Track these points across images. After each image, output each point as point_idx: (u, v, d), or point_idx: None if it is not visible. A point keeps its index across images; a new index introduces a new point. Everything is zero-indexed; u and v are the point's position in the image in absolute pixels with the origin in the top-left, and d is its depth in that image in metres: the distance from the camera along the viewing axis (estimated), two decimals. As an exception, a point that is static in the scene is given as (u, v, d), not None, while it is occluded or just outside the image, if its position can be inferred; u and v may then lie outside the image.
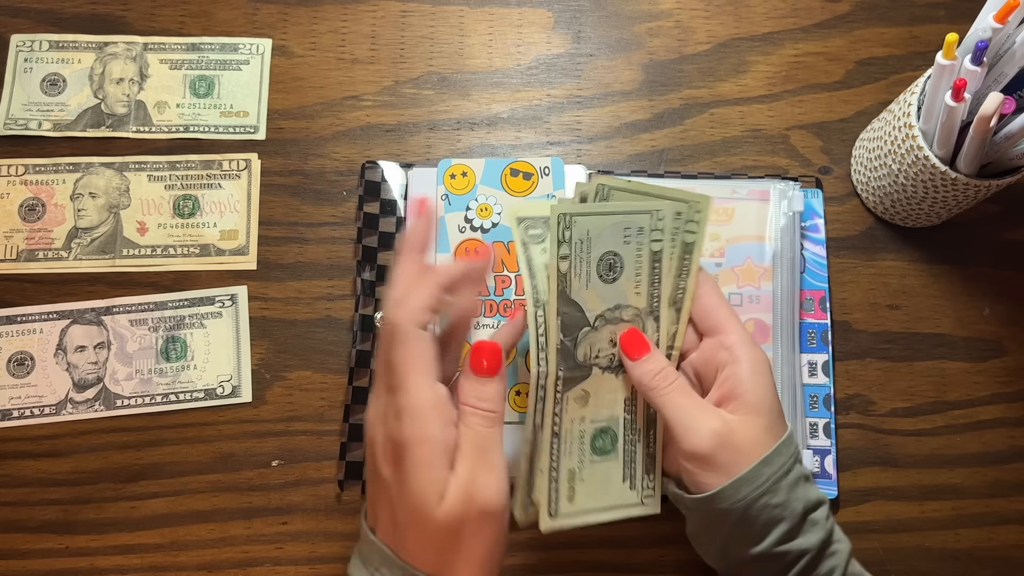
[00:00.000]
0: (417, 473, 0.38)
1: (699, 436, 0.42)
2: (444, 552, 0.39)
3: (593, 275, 0.44)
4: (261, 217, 0.60)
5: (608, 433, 0.46)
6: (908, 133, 0.52)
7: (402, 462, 0.38)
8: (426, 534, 0.39)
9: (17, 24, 0.62)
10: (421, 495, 0.38)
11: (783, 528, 0.42)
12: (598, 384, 0.46)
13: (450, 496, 0.38)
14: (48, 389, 0.56)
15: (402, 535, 0.39)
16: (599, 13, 0.64)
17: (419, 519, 0.38)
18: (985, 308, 0.59)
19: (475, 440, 0.39)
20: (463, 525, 0.38)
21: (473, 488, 0.38)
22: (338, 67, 0.62)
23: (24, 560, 0.54)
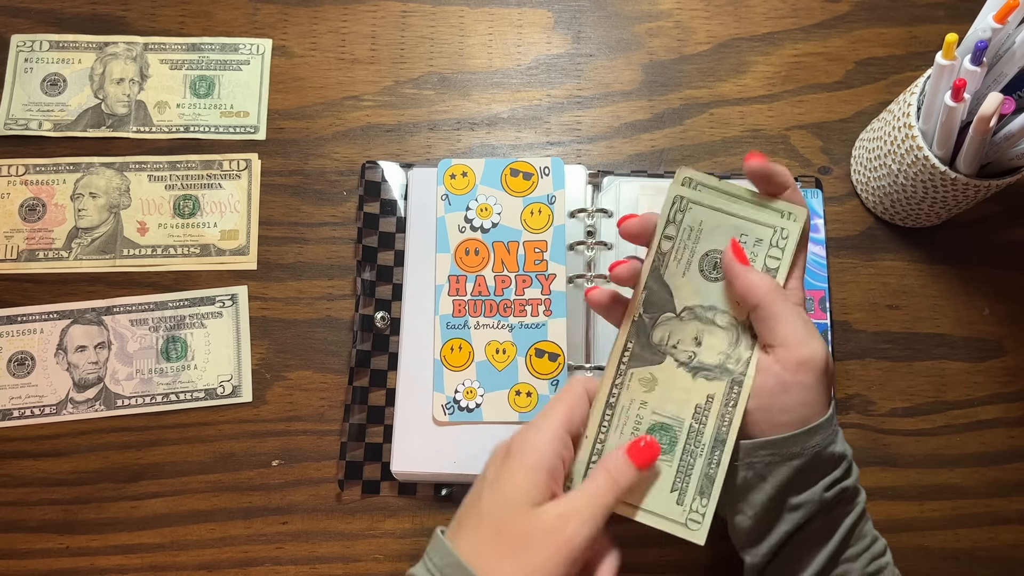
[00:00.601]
0: (518, 473, 0.40)
1: (816, 345, 0.42)
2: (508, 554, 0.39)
3: (694, 267, 0.43)
4: (261, 217, 0.60)
5: (668, 432, 0.44)
6: (908, 133, 0.52)
7: (508, 460, 0.41)
8: (503, 528, 0.40)
9: (17, 24, 0.62)
10: (515, 491, 0.40)
11: (837, 473, 0.42)
12: (670, 376, 0.44)
13: (545, 511, 0.40)
14: (48, 389, 0.56)
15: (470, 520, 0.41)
16: (599, 13, 0.64)
17: (505, 512, 0.40)
18: (985, 308, 0.59)
19: (592, 495, 0.41)
20: (544, 541, 0.39)
21: (566, 517, 0.40)
22: (338, 67, 0.62)
23: (24, 560, 0.54)
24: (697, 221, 0.43)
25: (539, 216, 0.57)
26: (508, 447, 0.42)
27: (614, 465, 0.42)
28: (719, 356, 0.44)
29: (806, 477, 0.42)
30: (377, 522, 0.55)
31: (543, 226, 0.57)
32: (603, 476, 0.42)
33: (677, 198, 0.43)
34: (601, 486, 0.41)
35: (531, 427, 0.42)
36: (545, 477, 0.40)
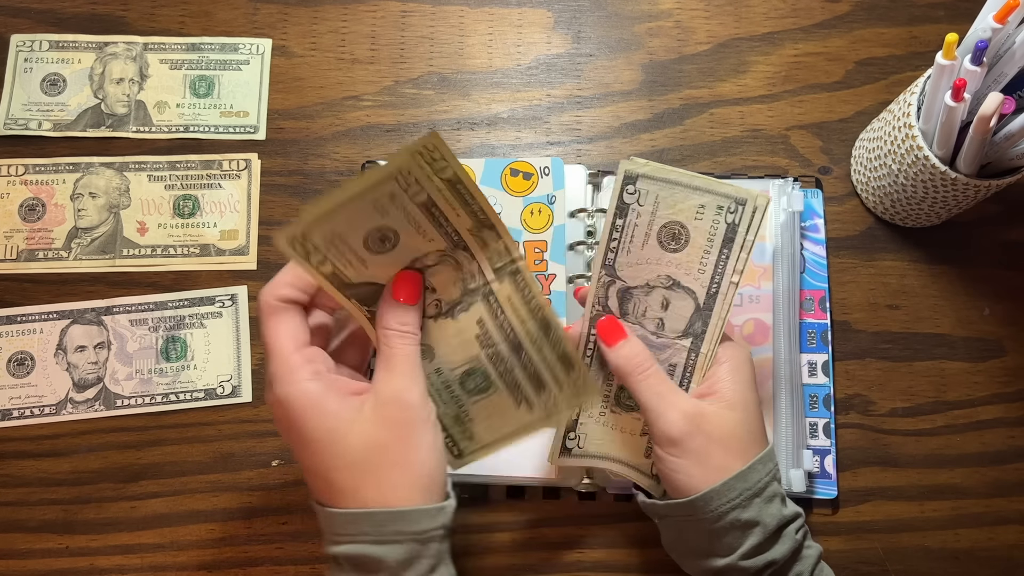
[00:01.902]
0: (310, 420, 0.38)
1: (670, 419, 0.42)
2: (372, 472, 0.39)
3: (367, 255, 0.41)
4: (261, 217, 0.60)
5: (476, 373, 0.44)
6: (908, 133, 0.52)
7: (292, 422, 0.39)
8: (347, 460, 0.39)
9: (17, 24, 0.62)
10: (327, 430, 0.39)
11: (752, 541, 0.42)
12: (437, 333, 0.44)
13: (367, 408, 0.39)
14: (48, 389, 0.56)
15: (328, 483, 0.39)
16: (599, 13, 0.64)
17: (336, 449, 0.39)
18: (985, 308, 0.59)
19: (394, 356, 0.40)
20: (389, 432, 0.39)
21: (395, 394, 0.39)
22: (338, 67, 0.62)
23: (24, 560, 0.54)
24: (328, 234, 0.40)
25: (539, 216, 0.57)
26: (275, 417, 0.40)
27: (391, 318, 0.41)
28: (456, 287, 0.43)
29: (718, 541, 0.42)
30: (377, 522, 0.55)
31: (543, 226, 0.57)
32: (390, 336, 0.41)
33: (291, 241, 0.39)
34: (395, 345, 0.41)
35: (274, 380, 0.39)
36: (333, 399, 0.39)
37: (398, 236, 0.41)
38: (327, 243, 0.39)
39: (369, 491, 0.39)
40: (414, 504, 0.39)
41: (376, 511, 0.38)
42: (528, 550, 0.54)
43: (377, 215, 0.40)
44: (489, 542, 0.54)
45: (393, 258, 0.42)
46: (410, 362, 0.41)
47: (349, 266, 0.41)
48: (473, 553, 0.54)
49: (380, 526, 0.38)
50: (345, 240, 0.40)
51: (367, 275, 0.42)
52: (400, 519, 0.39)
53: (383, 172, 0.38)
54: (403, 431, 0.39)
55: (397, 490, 0.39)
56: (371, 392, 0.40)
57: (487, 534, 0.55)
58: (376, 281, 0.42)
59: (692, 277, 0.45)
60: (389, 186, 0.39)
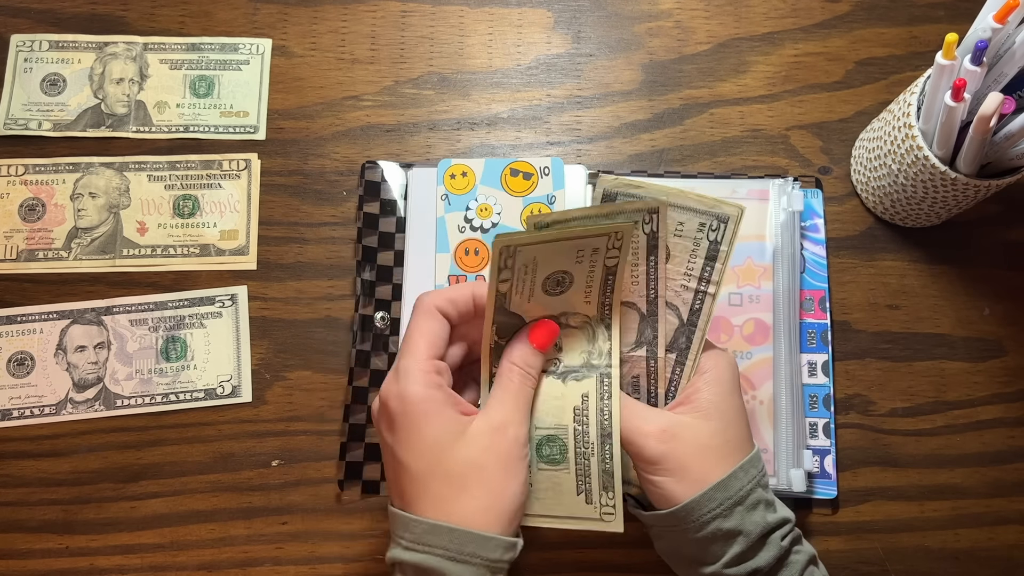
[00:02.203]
0: (427, 423, 0.39)
1: (642, 444, 0.42)
2: (467, 490, 0.39)
3: (537, 290, 0.43)
4: (261, 217, 0.60)
5: (556, 442, 0.44)
6: (908, 133, 0.52)
7: (405, 419, 0.40)
8: (448, 473, 0.39)
9: (17, 24, 0.62)
10: (437, 437, 0.39)
11: (736, 550, 0.42)
12: (544, 389, 0.44)
13: (475, 430, 0.40)
14: (48, 389, 0.56)
15: (421, 488, 0.40)
16: (599, 13, 0.64)
17: (441, 459, 0.39)
18: (985, 308, 0.59)
19: (512, 390, 0.42)
20: (491, 458, 0.39)
21: (504, 424, 0.40)
22: (338, 67, 0.62)
23: (24, 560, 0.54)
24: (530, 258, 0.41)
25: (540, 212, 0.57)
26: (386, 408, 0.40)
27: (520, 356, 0.42)
28: (581, 355, 0.44)
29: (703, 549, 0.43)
30: (377, 522, 0.55)
31: (543, 226, 0.57)
32: (514, 371, 0.42)
33: (503, 249, 0.40)
34: (516, 381, 0.42)
35: (402, 375, 0.40)
36: (450, 410, 0.40)
37: (570, 286, 0.43)
38: (524, 265, 0.41)
39: (456, 507, 0.39)
40: (494, 532, 0.39)
41: (460, 529, 0.38)
42: (528, 550, 0.54)
43: (573, 260, 0.41)
44: (489, 542, 0.54)
45: (552, 303, 0.43)
46: (525, 401, 0.42)
47: (520, 294, 0.42)
48: (473, 553, 0.54)
49: (460, 544, 0.38)
50: (535, 270, 0.41)
51: (525, 308, 0.43)
52: (480, 542, 0.39)
53: (608, 227, 0.40)
54: (504, 460, 0.40)
55: (483, 514, 0.39)
56: (482, 416, 0.41)
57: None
58: (523, 316, 0.43)
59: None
60: (600, 241, 0.41)
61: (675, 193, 0.44)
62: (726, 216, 0.43)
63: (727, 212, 0.43)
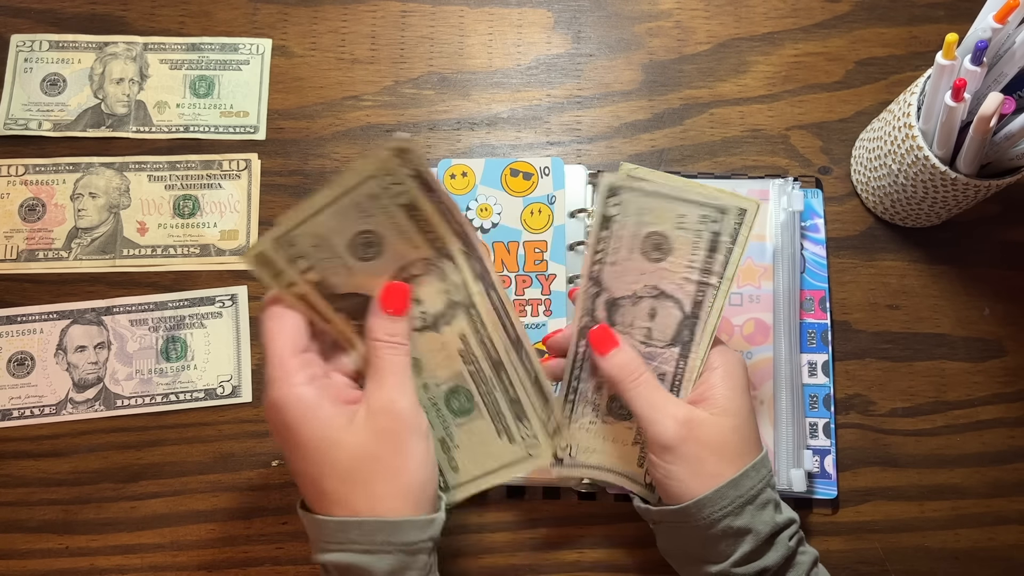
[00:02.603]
0: (304, 425, 0.38)
1: (664, 426, 0.42)
2: (363, 481, 0.39)
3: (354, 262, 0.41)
4: (261, 217, 0.60)
5: (459, 392, 0.43)
6: (908, 133, 0.52)
7: (286, 426, 0.39)
8: (338, 469, 0.39)
9: (17, 24, 0.62)
10: (320, 437, 0.38)
11: (745, 548, 0.42)
12: (422, 345, 0.43)
13: (359, 418, 0.39)
14: (48, 389, 0.56)
15: (319, 490, 0.39)
16: (599, 13, 0.64)
17: (327, 457, 0.39)
18: (985, 308, 0.59)
19: (385, 367, 0.41)
20: (380, 442, 0.39)
21: (386, 404, 0.40)
22: (338, 67, 0.62)
23: (24, 560, 0.54)
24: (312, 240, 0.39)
25: (539, 216, 0.57)
26: (269, 420, 0.40)
27: (379, 329, 0.41)
28: (441, 297, 0.43)
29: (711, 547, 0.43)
30: (377, 522, 0.55)
31: (543, 226, 0.57)
32: (379, 347, 0.41)
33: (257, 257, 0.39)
34: (384, 356, 0.41)
35: (271, 384, 0.39)
36: (326, 407, 0.39)
37: (383, 241, 0.40)
38: (313, 247, 0.39)
39: (359, 500, 0.39)
40: (404, 515, 0.39)
41: (365, 520, 0.38)
42: (528, 550, 0.54)
43: (360, 217, 0.39)
44: (489, 542, 0.54)
45: (379, 266, 0.41)
46: (400, 372, 0.41)
47: (335, 274, 0.40)
48: (473, 553, 0.54)
49: (369, 535, 0.38)
50: (330, 245, 0.39)
51: (354, 284, 0.41)
52: (389, 529, 0.38)
53: (361, 171, 0.38)
54: (394, 441, 0.39)
55: (387, 500, 0.39)
56: (363, 401, 0.40)
57: (487, 534, 0.55)
58: (363, 292, 0.42)
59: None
60: (368, 186, 0.38)
61: (679, 186, 0.44)
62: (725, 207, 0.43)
63: (727, 204, 0.43)
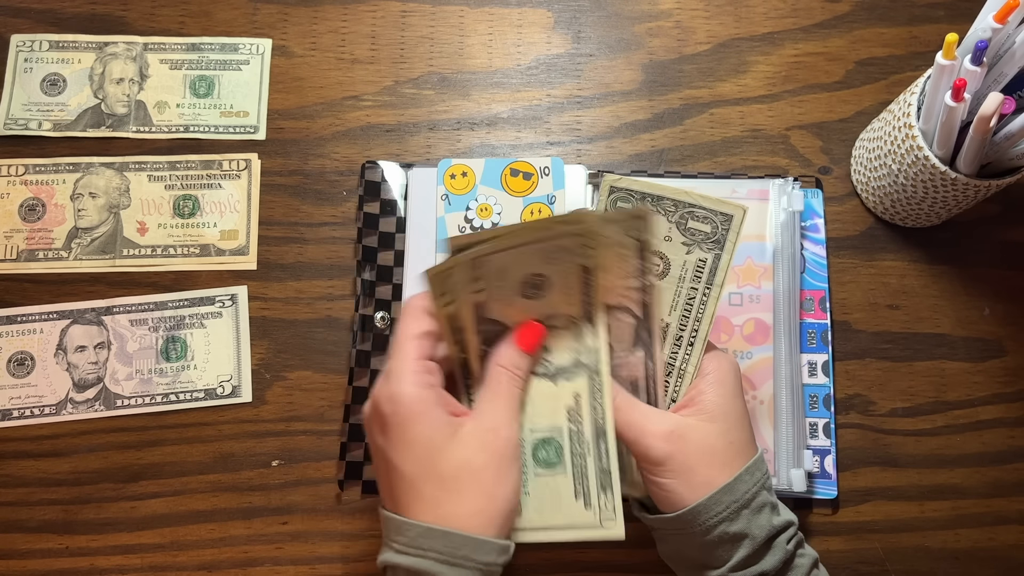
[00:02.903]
0: (417, 423, 0.39)
1: (649, 445, 0.42)
2: (459, 492, 0.39)
3: (516, 296, 0.43)
4: (261, 217, 0.60)
5: (551, 444, 0.44)
6: (908, 133, 0.52)
7: (396, 421, 0.39)
8: (440, 474, 0.39)
9: (17, 24, 0.62)
10: (429, 438, 0.39)
11: (742, 553, 0.42)
12: (534, 391, 0.44)
13: (466, 431, 0.40)
14: (48, 389, 0.56)
15: (414, 491, 0.39)
16: (599, 13, 0.64)
17: (432, 460, 0.39)
18: (985, 308, 0.59)
19: (502, 392, 0.42)
20: (484, 459, 0.39)
21: (496, 426, 0.40)
22: (338, 67, 0.62)
23: (24, 560, 0.54)
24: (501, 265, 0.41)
25: (539, 216, 0.57)
26: (378, 410, 0.40)
27: (507, 359, 0.42)
28: (570, 354, 0.44)
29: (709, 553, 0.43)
30: (377, 522, 0.55)
31: (543, 226, 0.57)
32: (502, 374, 0.42)
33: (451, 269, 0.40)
34: (504, 383, 0.42)
35: (390, 377, 0.40)
36: (441, 411, 0.40)
37: (549, 288, 0.42)
38: (495, 275, 0.41)
39: (451, 510, 0.39)
40: (488, 535, 0.39)
41: (454, 532, 0.38)
42: (528, 550, 0.54)
43: (544, 262, 0.41)
44: (489, 542, 0.54)
45: (533, 306, 0.43)
46: (514, 401, 0.42)
47: (498, 301, 0.42)
48: (473, 553, 0.54)
49: (454, 548, 0.38)
50: (509, 276, 0.41)
51: (506, 314, 0.43)
52: (474, 546, 0.38)
53: (572, 226, 0.40)
54: (497, 462, 0.40)
55: (476, 517, 0.39)
56: (473, 418, 0.41)
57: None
58: (508, 322, 0.43)
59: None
60: (570, 240, 0.41)
61: (673, 191, 0.44)
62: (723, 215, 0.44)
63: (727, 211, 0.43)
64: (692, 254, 0.45)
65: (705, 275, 0.45)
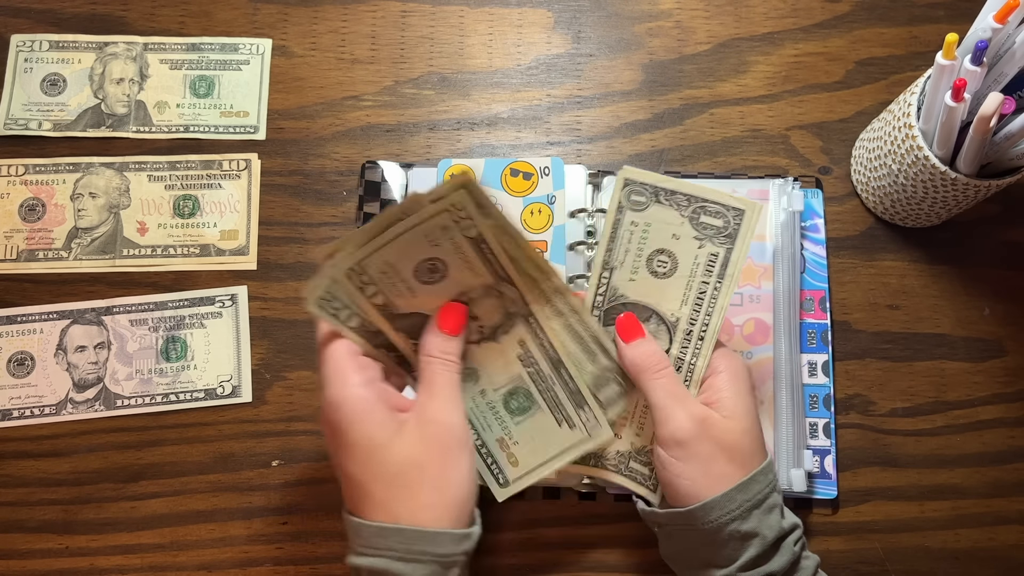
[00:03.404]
0: (357, 426, 0.39)
1: (680, 421, 0.43)
2: (407, 488, 0.39)
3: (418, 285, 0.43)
4: (261, 217, 0.60)
5: (518, 392, 0.46)
6: (908, 133, 0.52)
7: (339, 426, 0.39)
8: (385, 473, 0.39)
9: (17, 24, 0.62)
10: (370, 439, 0.39)
11: (751, 553, 0.42)
12: (482, 357, 0.45)
13: (409, 426, 0.40)
14: (48, 389, 0.56)
15: (363, 493, 0.40)
16: (599, 13, 0.64)
17: (375, 460, 0.39)
18: (985, 308, 0.59)
19: (437, 381, 0.42)
20: (428, 452, 0.40)
21: (436, 416, 0.41)
22: (338, 67, 0.62)
23: (24, 560, 0.54)
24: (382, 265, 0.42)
25: (539, 216, 0.57)
26: (324, 418, 0.41)
27: (434, 347, 0.42)
28: (498, 313, 0.45)
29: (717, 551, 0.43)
30: (377, 522, 0.55)
31: (543, 226, 0.57)
32: (432, 363, 0.42)
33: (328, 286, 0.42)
34: (437, 371, 0.42)
35: (327, 383, 0.40)
36: (381, 410, 0.40)
37: (447, 267, 0.42)
38: (381, 274, 0.41)
39: (401, 507, 0.39)
40: (443, 526, 0.39)
41: (405, 528, 0.39)
42: (528, 550, 0.54)
43: (428, 246, 0.41)
44: (489, 542, 0.54)
45: (441, 289, 0.43)
46: (451, 387, 0.42)
47: (400, 296, 0.42)
48: (473, 553, 0.54)
49: (408, 544, 0.39)
50: (397, 270, 0.41)
51: (415, 304, 0.43)
52: (428, 539, 0.39)
53: (436, 207, 0.40)
54: (442, 452, 0.40)
55: (428, 510, 0.39)
56: (412, 412, 0.41)
57: (487, 534, 0.54)
58: (423, 311, 0.44)
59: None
60: (440, 218, 0.40)
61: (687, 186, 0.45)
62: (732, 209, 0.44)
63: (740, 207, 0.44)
64: (704, 248, 0.45)
65: (717, 269, 0.46)
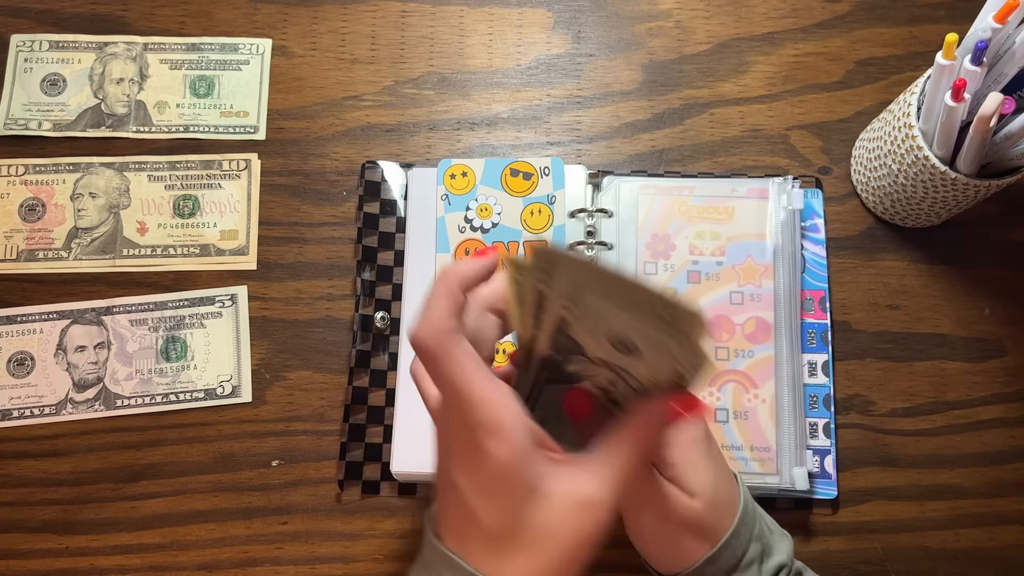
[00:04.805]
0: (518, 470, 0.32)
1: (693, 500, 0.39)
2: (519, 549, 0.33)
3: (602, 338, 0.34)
4: (261, 217, 0.60)
5: None
6: (908, 133, 0.52)
7: (490, 454, 0.32)
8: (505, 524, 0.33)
9: (17, 24, 0.62)
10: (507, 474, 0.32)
11: None
12: None
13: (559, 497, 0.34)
14: (48, 389, 0.56)
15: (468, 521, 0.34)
16: (599, 13, 0.64)
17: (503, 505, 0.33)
18: (985, 308, 0.59)
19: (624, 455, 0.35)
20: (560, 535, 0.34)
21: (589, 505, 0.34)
22: (338, 67, 0.62)
23: (24, 560, 0.54)
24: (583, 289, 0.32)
25: (539, 216, 0.57)
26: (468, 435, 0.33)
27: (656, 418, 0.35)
28: None
29: None
30: (377, 522, 0.55)
31: (543, 226, 0.57)
32: (643, 431, 0.35)
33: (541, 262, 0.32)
34: (637, 444, 0.35)
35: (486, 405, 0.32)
36: (542, 458, 0.33)
37: (638, 358, 0.35)
38: (589, 313, 0.33)
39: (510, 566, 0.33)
40: None
41: None
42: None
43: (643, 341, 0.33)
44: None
45: (616, 356, 0.35)
46: (629, 472, 0.35)
47: (583, 332, 0.35)
48: (473, 553, 0.54)
49: None
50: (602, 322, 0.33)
51: (586, 344, 0.36)
52: None
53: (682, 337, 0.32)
54: (577, 543, 0.33)
55: None
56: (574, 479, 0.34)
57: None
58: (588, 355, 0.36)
59: None
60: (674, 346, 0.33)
61: None
62: None
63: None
64: None
65: None
